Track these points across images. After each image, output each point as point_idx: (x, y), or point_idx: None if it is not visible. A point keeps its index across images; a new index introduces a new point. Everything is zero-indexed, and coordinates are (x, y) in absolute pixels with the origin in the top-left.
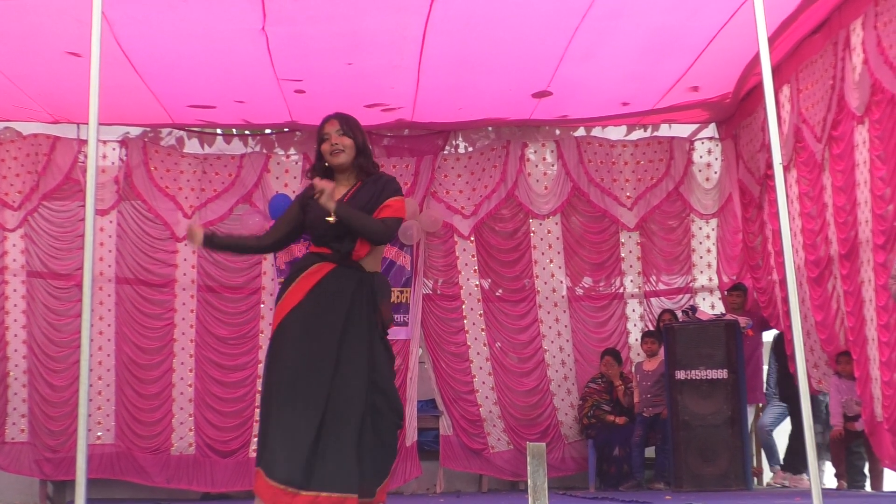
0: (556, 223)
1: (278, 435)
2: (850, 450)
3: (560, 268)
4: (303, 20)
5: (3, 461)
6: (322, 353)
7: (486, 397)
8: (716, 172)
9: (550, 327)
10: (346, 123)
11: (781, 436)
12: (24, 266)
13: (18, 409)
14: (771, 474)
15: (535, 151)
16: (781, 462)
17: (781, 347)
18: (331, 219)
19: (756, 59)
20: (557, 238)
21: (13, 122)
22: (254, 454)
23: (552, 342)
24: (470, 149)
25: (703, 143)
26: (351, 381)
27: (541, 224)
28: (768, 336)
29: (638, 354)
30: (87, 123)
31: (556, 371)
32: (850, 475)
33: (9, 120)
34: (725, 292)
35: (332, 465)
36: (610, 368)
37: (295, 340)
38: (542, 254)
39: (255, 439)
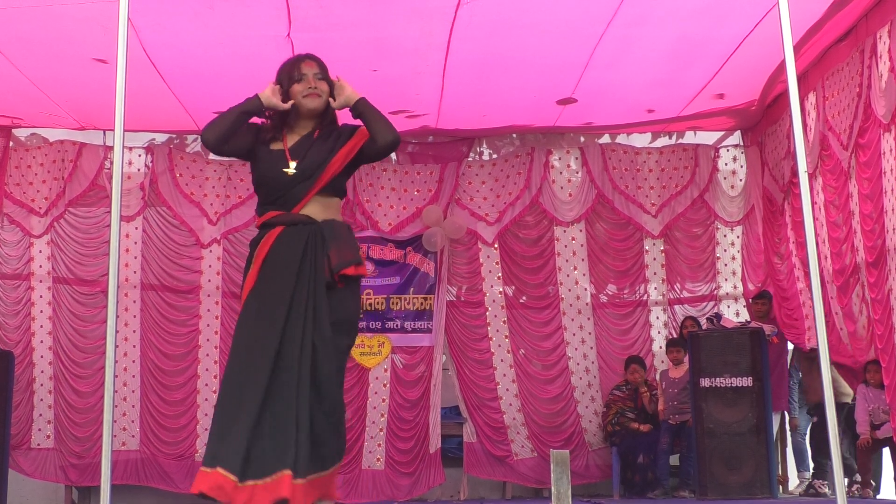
0: (581, 230)
1: (222, 423)
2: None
3: (584, 275)
4: (328, 27)
5: (29, 467)
6: (270, 328)
7: (510, 404)
8: (741, 180)
9: (574, 334)
10: (323, 68)
11: None
12: (50, 272)
13: (44, 415)
14: (797, 481)
15: (560, 158)
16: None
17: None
18: (290, 169)
19: (782, 67)
20: (582, 245)
21: (40, 128)
22: None
23: (576, 349)
24: (494, 156)
25: (728, 150)
26: (294, 346)
27: (565, 231)
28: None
29: (662, 362)
30: (113, 130)
31: (580, 378)
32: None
33: (35, 126)
34: (750, 300)
35: (269, 445)
36: (636, 376)
37: (247, 322)
38: (567, 261)
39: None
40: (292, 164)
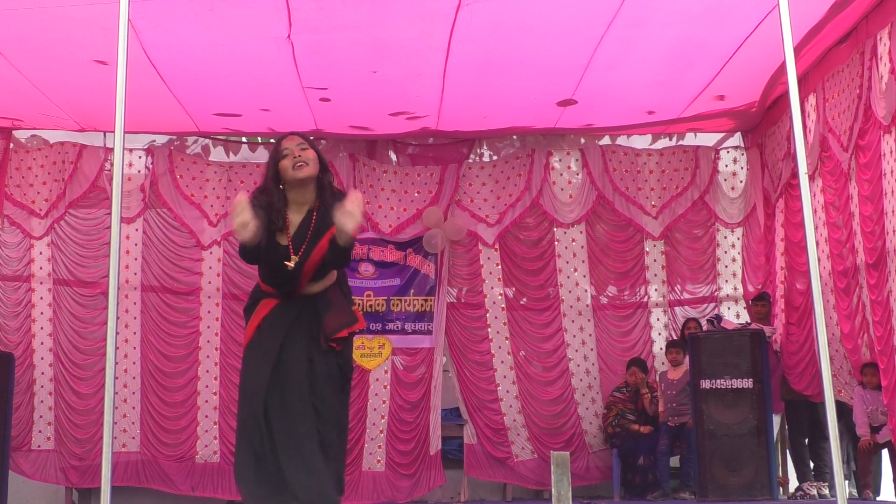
0: (581, 232)
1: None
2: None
3: (584, 276)
4: (328, 28)
5: (29, 468)
6: (264, 382)
7: (511, 406)
8: (741, 181)
9: (575, 336)
10: (306, 139)
11: None
12: (51, 274)
13: (45, 416)
14: (797, 483)
15: (560, 160)
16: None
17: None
18: (290, 264)
19: (782, 68)
20: (582, 247)
21: (40, 130)
22: None
23: (576, 351)
24: (495, 157)
25: (728, 151)
26: (292, 402)
27: (565, 233)
28: None
29: (662, 363)
30: (113, 131)
31: (581, 380)
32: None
33: (36, 128)
34: (750, 301)
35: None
36: (637, 378)
37: (249, 375)
38: (567, 262)
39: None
40: (293, 259)
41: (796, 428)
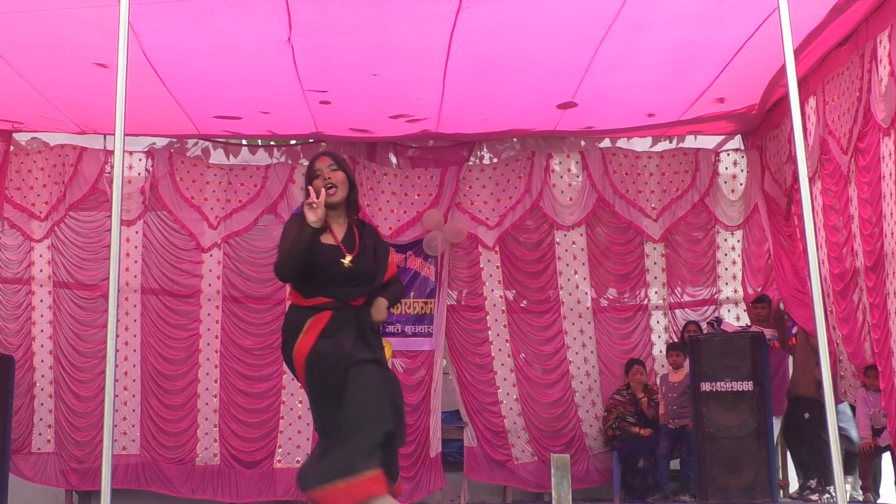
0: (581, 234)
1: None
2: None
3: (585, 279)
4: (328, 31)
5: (30, 471)
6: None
7: (511, 408)
8: (741, 184)
9: (575, 339)
10: (336, 159)
11: None
12: (51, 276)
13: (45, 419)
14: (797, 486)
15: (560, 162)
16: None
17: None
18: (346, 261)
19: (782, 71)
20: (582, 249)
21: (40, 132)
22: (278, 464)
23: (577, 353)
24: (495, 160)
25: (728, 154)
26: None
27: (565, 235)
28: None
29: (662, 366)
30: (113, 134)
31: (581, 382)
32: None
33: (36, 131)
34: (750, 304)
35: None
36: (640, 376)
37: (326, 370)
38: (567, 265)
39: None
40: (347, 258)
41: (814, 426)
